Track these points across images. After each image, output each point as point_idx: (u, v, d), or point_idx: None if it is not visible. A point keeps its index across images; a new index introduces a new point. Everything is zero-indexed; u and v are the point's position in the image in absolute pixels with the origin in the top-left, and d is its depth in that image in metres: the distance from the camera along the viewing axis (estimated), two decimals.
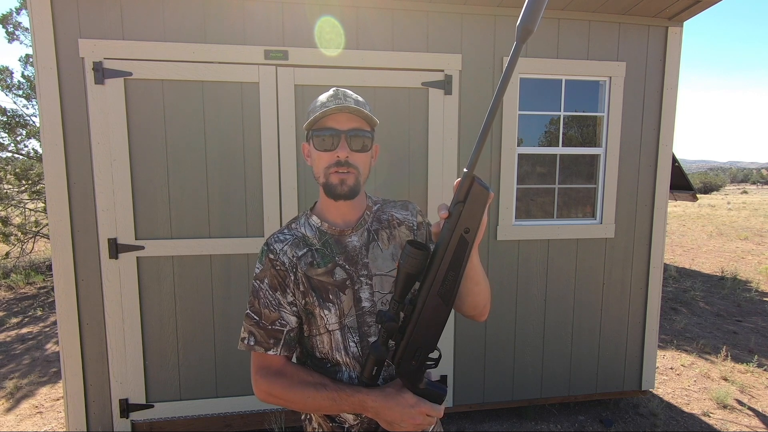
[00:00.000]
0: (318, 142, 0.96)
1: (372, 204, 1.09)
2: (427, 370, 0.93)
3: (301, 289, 0.99)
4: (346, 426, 1.01)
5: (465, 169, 0.79)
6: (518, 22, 0.73)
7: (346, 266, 1.00)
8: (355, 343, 0.99)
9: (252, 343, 0.98)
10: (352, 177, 0.96)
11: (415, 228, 1.09)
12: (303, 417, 1.09)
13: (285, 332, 0.98)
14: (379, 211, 1.08)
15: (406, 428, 0.89)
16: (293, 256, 0.99)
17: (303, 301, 0.99)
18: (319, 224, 1.03)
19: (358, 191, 0.98)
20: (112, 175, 2.32)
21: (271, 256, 0.99)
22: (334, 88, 0.99)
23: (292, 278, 0.98)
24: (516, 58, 0.73)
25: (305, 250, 1.00)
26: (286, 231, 1.04)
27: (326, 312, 0.98)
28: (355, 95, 0.99)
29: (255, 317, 0.98)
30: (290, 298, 0.99)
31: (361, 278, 1.00)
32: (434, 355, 0.92)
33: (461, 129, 2.62)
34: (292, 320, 0.99)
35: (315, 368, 1.02)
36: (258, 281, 0.99)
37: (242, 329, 1.00)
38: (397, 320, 0.88)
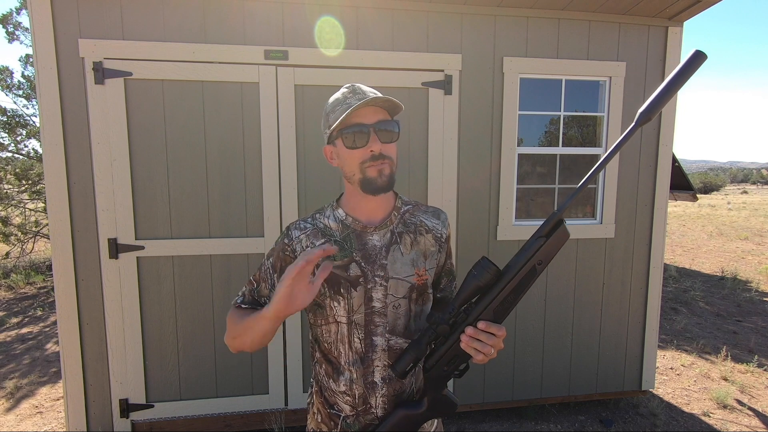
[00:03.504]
0: (348, 141, 0.95)
1: (401, 205, 1.07)
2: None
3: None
4: (342, 415, 1.03)
5: (555, 210, 0.83)
6: (642, 107, 0.77)
7: (363, 264, 1.00)
8: (360, 340, 1.00)
9: (240, 302, 1.07)
10: (388, 166, 0.96)
11: (443, 240, 1.09)
12: (308, 402, 1.12)
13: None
14: (408, 214, 1.07)
15: (276, 297, 0.82)
16: (307, 246, 1.01)
17: None
18: (344, 217, 1.03)
19: (394, 181, 0.98)
20: (112, 175, 2.32)
21: (286, 241, 1.03)
22: (347, 85, 0.98)
23: None
24: (629, 137, 0.79)
25: (323, 241, 1.01)
26: (309, 220, 1.05)
27: (335, 304, 1.00)
28: (368, 88, 0.99)
29: (253, 284, 1.06)
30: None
31: (376, 278, 1.00)
32: (462, 366, 0.94)
33: (461, 129, 2.62)
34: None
35: (322, 356, 1.05)
36: (266, 257, 1.06)
37: (243, 287, 1.09)
38: (449, 325, 0.90)
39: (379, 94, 0.98)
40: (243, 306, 1.05)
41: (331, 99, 1.00)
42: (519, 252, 0.85)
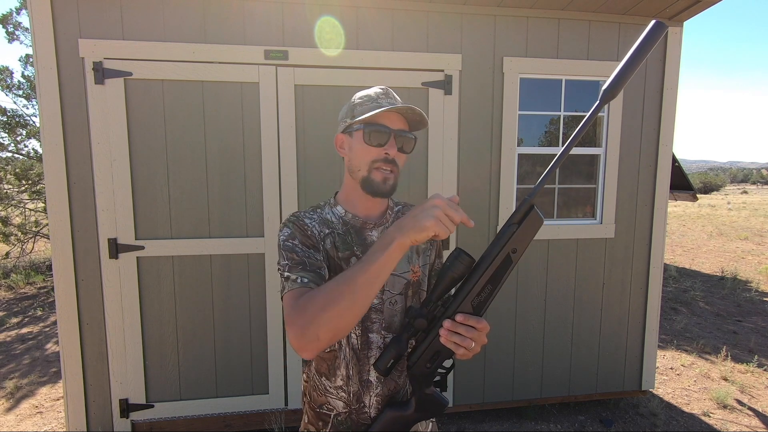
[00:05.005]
0: (368, 136, 0.97)
1: (393, 204, 1.12)
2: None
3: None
4: (333, 413, 1.02)
5: (526, 197, 0.81)
6: (605, 85, 0.76)
7: None
8: (356, 336, 1.01)
9: (306, 281, 0.88)
10: (394, 176, 0.99)
11: None
12: (303, 403, 1.11)
13: (326, 276, 0.94)
14: (401, 213, 1.11)
15: (426, 221, 0.75)
16: (320, 232, 1.01)
17: None
18: (343, 214, 1.04)
19: (395, 190, 1.01)
20: (112, 175, 2.32)
21: (300, 223, 0.99)
22: (381, 87, 1.02)
23: (320, 248, 0.98)
24: (594, 116, 0.77)
25: (329, 231, 1.02)
26: (310, 212, 1.05)
27: None
28: (396, 96, 1.03)
29: (300, 265, 0.91)
30: (320, 256, 0.96)
31: None
32: (447, 363, 0.92)
33: (461, 129, 2.62)
34: (326, 269, 0.95)
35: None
36: (290, 241, 0.95)
37: (288, 280, 0.90)
38: (427, 319, 0.88)
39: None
40: (311, 285, 0.88)
41: (361, 93, 1.02)
42: (493, 241, 0.84)
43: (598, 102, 0.77)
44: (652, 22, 0.73)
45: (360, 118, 0.97)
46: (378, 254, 0.78)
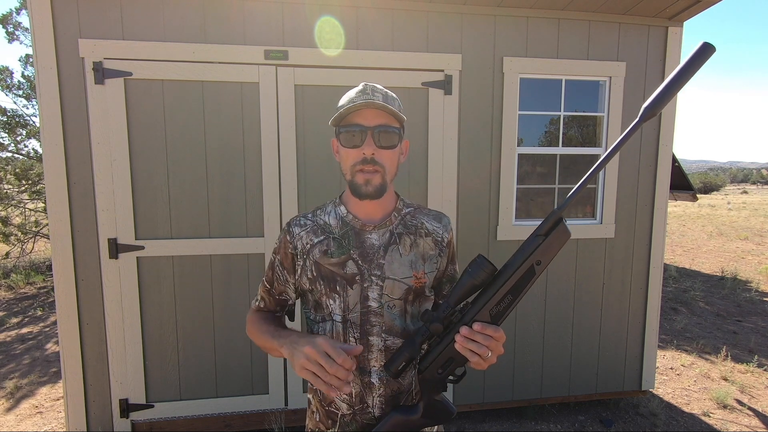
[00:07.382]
0: (344, 139, 0.95)
1: (402, 206, 1.07)
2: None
3: (309, 276, 1.01)
4: (339, 413, 1.02)
5: (555, 209, 0.80)
6: (646, 103, 0.74)
7: (359, 261, 0.99)
8: (355, 339, 1.00)
9: (262, 306, 1.12)
10: (378, 176, 0.95)
11: (444, 244, 1.08)
12: (309, 398, 1.11)
13: (289, 304, 1.11)
14: (409, 216, 1.06)
15: (296, 366, 0.86)
16: (307, 243, 1.02)
17: (310, 287, 1.01)
18: (345, 214, 1.03)
19: (384, 191, 0.97)
20: (112, 175, 2.32)
21: (288, 238, 1.04)
22: (363, 83, 0.98)
23: (301, 263, 1.02)
24: (632, 133, 0.75)
25: (322, 238, 1.01)
26: (309, 216, 1.07)
27: (331, 302, 0.99)
28: (384, 89, 0.98)
29: (268, 285, 1.09)
30: (293, 279, 1.06)
31: (373, 277, 0.99)
32: (459, 371, 0.91)
33: (461, 129, 2.62)
34: (293, 296, 1.10)
35: None
36: (274, 255, 1.08)
37: (258, 291, 1.13)
38: (443, 324, 0.87)
39: (391, 97, 0.98)
40: (263, 309, 1.12)
41: (347, 93, 1.00)
42: (517, 251, 0.82)
43: (637, 119, 0.74)
44: (700, 43, 0.70)
45: (332, 120, 0.98)
46: (277, 342, 0.95)
